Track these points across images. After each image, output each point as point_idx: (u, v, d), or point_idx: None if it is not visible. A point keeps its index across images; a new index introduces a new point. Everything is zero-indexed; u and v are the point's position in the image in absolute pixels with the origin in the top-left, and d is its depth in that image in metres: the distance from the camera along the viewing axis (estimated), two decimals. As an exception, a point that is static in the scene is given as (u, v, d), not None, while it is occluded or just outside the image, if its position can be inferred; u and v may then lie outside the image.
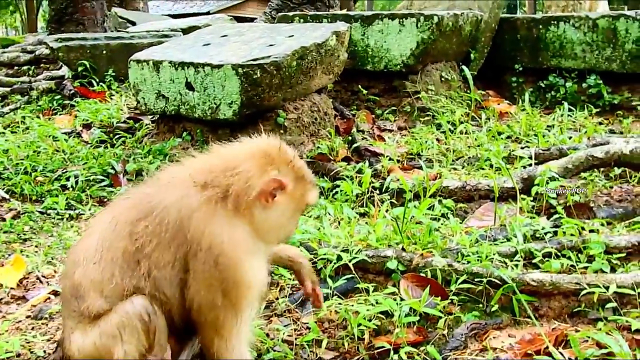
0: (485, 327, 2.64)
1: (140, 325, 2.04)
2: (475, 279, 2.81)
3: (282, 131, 5.09)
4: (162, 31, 8.73)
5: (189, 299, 2.10)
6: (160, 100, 5.42)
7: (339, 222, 3.60)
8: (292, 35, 5.34)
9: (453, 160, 4.68)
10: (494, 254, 2.98)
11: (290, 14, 7.13)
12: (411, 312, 2.71)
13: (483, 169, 4.31)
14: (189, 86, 5.15)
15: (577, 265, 2.96)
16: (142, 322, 2.05)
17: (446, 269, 2.89)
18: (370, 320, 2.67)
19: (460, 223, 3.53)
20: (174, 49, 5.70)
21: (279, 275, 3.12)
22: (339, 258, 3.03)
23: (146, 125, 6.07)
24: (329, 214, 3.67)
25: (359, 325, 2.66)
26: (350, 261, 2.98)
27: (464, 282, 2.80)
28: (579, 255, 3.04)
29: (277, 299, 2.99)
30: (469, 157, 4.67)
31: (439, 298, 2.73)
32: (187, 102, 5.21)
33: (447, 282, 2.85)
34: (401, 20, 6.12)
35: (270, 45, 5.16)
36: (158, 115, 5.71)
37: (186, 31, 8.88)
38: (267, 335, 2.69)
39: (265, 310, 2.95)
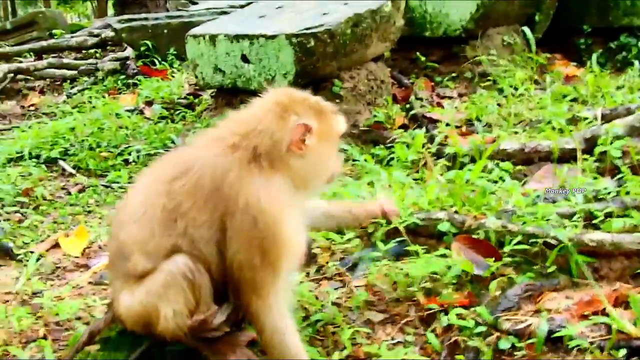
0: (540, 289, 2.54)
1: (185, 284, 2.07)
2: (531, 240, 2.70)
3: (338, 100, 5.03)
4: (222, 8, 8.79)
5: (228, 258, 2.10)
6: (217, 74, 5.46)
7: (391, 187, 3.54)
8: (347, 3, 5.26)
9: (514, 124, 4.52)
10: (551, 215, 2.86)
11: (347, -17, 7.02)
12: (463, 274, 2.63)
13: (544, 131, 4.14)
14: (245, 58, 5.17)
15: (642, 225, 2.80)
16: (187, 280, 2.06)
17: (500, 230, 2.79)
18: (420, 283, 2.62)
19: (520, 186, 3.40)
20: (230, 22, 5.73)
21: (330, 240, 3.09)
22: (390, 221, 2.97)
23: (205, 100, 6.15)
24: (382, 180, 3.61)
25: (409, 286, 2.63)
26: (400, 224, 2.92)
27: (519, 243, 2.69)
28: (644, 214, 2.88)
29: (327, 263, 2.97)
30: (531, 121, 4.50)
31: (492, 259, 2.63)
32: (243, 75, 5.23)
33: (501, 244, 2.74)
34: (460, -17, 5.93)
35: (324, 14, 5.10)
36: (216, 90, 5.77)
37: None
38: (316, 297, 2.67)
39: (315, 274, 2.94)
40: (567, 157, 3.61)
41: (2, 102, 8.25)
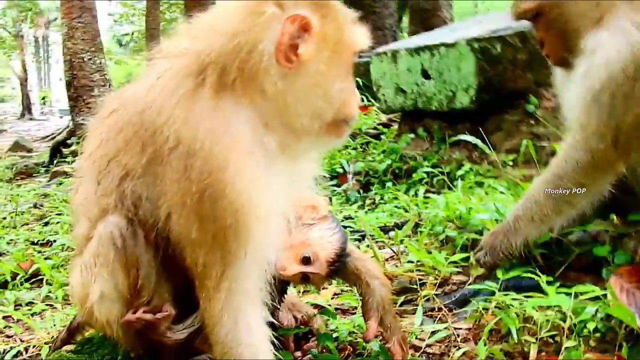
0: None
1: (112, 253, 1.41)
2: None
3: (532, 122, 4.09)
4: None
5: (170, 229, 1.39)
6: (399, 95, 4.83)
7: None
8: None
9: None
10: None
11: None
12: (616, 325, 1.61)
13: None
14: (425, 74, 4.47)
15: None
16: (114, 247, 1.41)
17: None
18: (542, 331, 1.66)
19: None
20: (419, 37, 5.11)
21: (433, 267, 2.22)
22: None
23: (394, 130, 5.55)
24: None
25: (532, 334, 1.68)
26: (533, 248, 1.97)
27: None
28: None
29: (431, 294, 2.11)
30: None
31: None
32: (424, 94, 4.53)
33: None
34: None
35: (521, 17, 4.22)
36: (401, 115, 5.15)
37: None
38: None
39: (407, 305, 2.09)
40: None
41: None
